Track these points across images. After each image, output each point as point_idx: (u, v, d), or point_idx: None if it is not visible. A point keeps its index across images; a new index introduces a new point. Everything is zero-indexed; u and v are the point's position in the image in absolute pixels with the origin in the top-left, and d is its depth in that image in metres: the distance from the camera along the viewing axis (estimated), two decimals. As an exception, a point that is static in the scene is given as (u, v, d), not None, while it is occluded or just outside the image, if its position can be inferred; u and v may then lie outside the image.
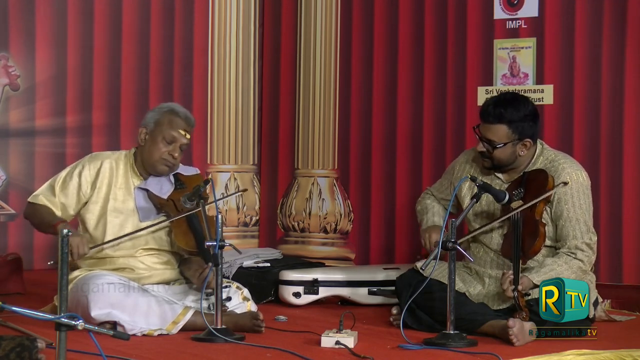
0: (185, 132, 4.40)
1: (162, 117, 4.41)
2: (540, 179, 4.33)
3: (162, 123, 4.39)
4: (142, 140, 4.42)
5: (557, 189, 4.31)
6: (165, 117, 4.40)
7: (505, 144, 4.36)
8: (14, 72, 6.05)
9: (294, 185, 6.45)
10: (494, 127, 4.36)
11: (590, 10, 5.38)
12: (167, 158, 4.39)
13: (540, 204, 4.30)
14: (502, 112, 4.34)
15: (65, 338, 2.83)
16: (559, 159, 4.43)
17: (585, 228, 4.35)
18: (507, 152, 4.39)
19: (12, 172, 6.05)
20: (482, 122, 4.42)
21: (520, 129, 4.36)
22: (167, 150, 4.38)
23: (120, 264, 4.40)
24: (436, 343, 3.99)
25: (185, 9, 6.45)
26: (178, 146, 4.39)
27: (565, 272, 4.25)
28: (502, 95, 4.52)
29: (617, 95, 5.31)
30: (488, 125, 4.38)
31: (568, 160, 4.47)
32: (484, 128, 4.40)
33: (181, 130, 4.38)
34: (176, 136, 4.38)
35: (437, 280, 4.35)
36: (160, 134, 4.38)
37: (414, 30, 5.95)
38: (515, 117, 4.35)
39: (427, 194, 4.84)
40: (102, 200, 4.44)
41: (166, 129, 4.38)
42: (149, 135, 4.40)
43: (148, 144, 4.41)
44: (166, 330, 4.16)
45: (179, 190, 4.45)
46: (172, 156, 4.39)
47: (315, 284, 5.21)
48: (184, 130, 4.39)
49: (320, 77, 6.32)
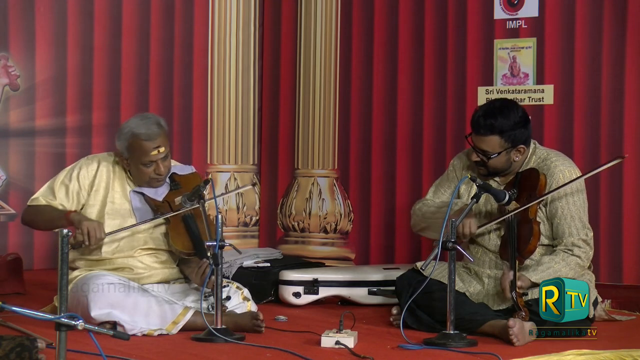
0: (157, 149, 4.35)
1: (130, 144, 4.36)
2: (532, 177, 4.34)
3: (134, 150, 4.36)
4: (127, 166, 4.43)
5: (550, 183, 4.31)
6: (134, 144, 4.35)
7: (499, 153, 4.35)
8: (14, 72, 6.04)
9: (294, 185, 6.45)
10: (486, 139, 4.34)
11: (590, 10, 5.38)
12: (155, 177, 4.41)
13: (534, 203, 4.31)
14: (493, 123, 4.31)
15: (65, 338, 2.83)
16: (551, 157, 4.44)
17: (581, 224, 4.36)
18: (502, 160, 4.38)
19: (12, 172, 6.05)
20: (473, 134, 4.39)
21: (512, 137, 4.34)
22: (150, 171, 4.39)
23: (119, 264, 4.40)
24: (436, 343, 3.99)
25: (185, 9, 6.45)
26: (159, 163, 4.38)
27: (563, 269, 4.26)
28: (490, 104, 4.46)
29: (617, 95, 5.31)
30: (480, 137, 4.35)
31: (560, 158, 4.47)
32: (476, 139, 4.37)
33: (153, 152, 4.35)
34: (152, 158, 4.36)
35: (437, 280, 4.35)
36: (138, 161, 4.37)
37: (414, 30, 5.95)
38: (506, 127, 4.32)
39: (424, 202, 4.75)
40: (100, 203, 4.44)
41: (139, 157, 4.36)
42: (130, 161, 4.40)
43: (133, 170, 4.42)
44: (166, 330, 4.16)
45: (174, 191, 4.45)
46: (158, 174, 4.40)
47: (315, 284, 5.21)
48: (155, 149, 4.35)
49: (320, 77, 6.32)
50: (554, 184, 4.34)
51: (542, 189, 4.32)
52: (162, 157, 4.38)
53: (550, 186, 4.33)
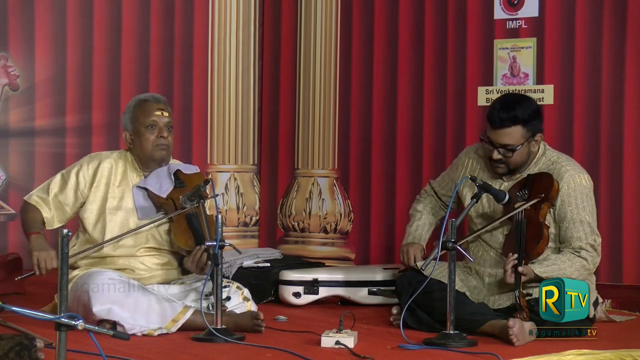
0: (161, 110, 4.44)
1: (134, 112, 4.45)
2: (544, 181, 4.34)
3: (137, 116, 4.43)
4: (130, 143, 4.46)
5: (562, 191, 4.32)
6: (137, 110, 4.44)
7: (522, 145, 4.35)
8: (14, 72, 6.04)
9: (294, 185, 6.44)
10: (510, 130, 4.32)
11: (590, 10, 5.38)
12: (159, 142, 4.42)
13: (544, 206, 4.31)
14: (516, 114, 4.31)
15: (65, 338, 2.83)
16: (561, 162, 4.43)
17: (590, 229, 4.35)
18: (524, 153, 4.39)
19: (12, 172, 6.05)
20: (493, 129, 4.35)
21: (532, 126, 4.36)
22: (154, 135, 4.41)
23: (121, 265, 4.39)
24: (436, 343, 3.99)
25: (185, 9, 6.45)
26: (162, 127, 4.42)
27: (568, 268, 4.26)
28: (506, 97, 4.49)
29: (617, 95, 5.31)
30: (502, 130, 4.32)
31: (571, 162, 4.47)
32: (496, 134, 4.34)
33: (156, 112, 4.42)
34: (155, 119, 4.42)
35: (437, 280, 4.35)
36: (142, 126, 4.41)
37: (414, 30, 5.95)
38: (527, 116, 4.33)
39: (426, 191, 4.83)
40: (100, 199, 4.44)
41: (143, 119, 4.41)
42: (133, 134, 4.44)
43: (136, 142, 4.44)
44: (166, 328, 4.16)
45: (179, 189, 4.44)
46: (162, 138, 4.41)
47: (315, 284, 5.21)
48: (159, 109, 4.43)
49: (320, 77, 6.32)
50: (564, 189, 4.33)
51: (554, 194, 4.32)
52: (165, 121, 4.42)
53: (560, 191, 4.33)
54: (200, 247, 4.22)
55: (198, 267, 4.27)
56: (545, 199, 4.30)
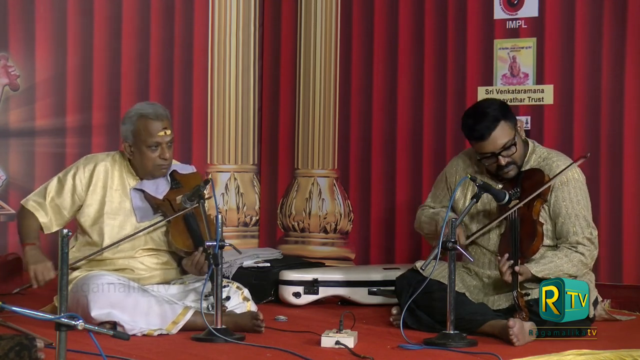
0: (164, 130, 4.37)
1: (136, 126, 4.37)
2: (536, 177, 4.34)
3: (139, 132, 4.36)
4: (129, 154, 4.42)
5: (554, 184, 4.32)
6: (140, 125, 4.36)
7: (515, 136, 4.37)
8: (14, 72, 6.04)
9: (294, 185, 6.44)
10: (498, 131, 4.34)
11: (590, 10, 5.38)
12: (160, 163, 4.40)
13: (537, 203, 4.31)
14: (492, 114, 4.34)
15: (65, 338, 2.83)
16: (552, 157, 4.46)
17: (585, 223, 4.36)
18: (520, 144, 4.42)
19: (12, 172, 6.05)
20: (484, 140, 4.34)
21: (510, 117, 4.40)
22: (156, 155, 4.38)
23: (120, 265, 4.40)
24: (436, 343, 3.99)
25: (185, 9, 6.45)
26: (165, 147, 4.38)
27: (566, 265, 4.26)
28: (471, 111, 4.47)
29: (617, 95, 5.31)
30: (493, 135, 4.34)
31: (562, 157, 4.48)
32: (490, 142, 4.35)
33: (160, 133, 4.36)
34: (158, 140, 4.37)
35: (437, 280, 4.35)
36: (143, 144, 4.36)
37: (414, 30, 5.95)
38: (499, 111, 4.38)
39: (423, 208, 4.77)
40: (98, 203, 4.44)
41: (145, 138, 4.35)
42: (134, 148, 4.40)
43: (137, 156, 4.41)
44: (166, 330, 4.16)
45: (175, 189, 4.45)
46: (163, 159, 4.39)
47: (315, 284, 5.21)
48: (162, 129, 4.37)
49: (320, 77, 6.32)
50: (557, 184, 4.34)
51: (547, 190, 4.32)
52: (168, 140, 4.38)
53: (553, 186, 4.34)
54: (199, 251, 4.21)
55: (197, 269, 4.27)
56: (538, 196, 4.30)
